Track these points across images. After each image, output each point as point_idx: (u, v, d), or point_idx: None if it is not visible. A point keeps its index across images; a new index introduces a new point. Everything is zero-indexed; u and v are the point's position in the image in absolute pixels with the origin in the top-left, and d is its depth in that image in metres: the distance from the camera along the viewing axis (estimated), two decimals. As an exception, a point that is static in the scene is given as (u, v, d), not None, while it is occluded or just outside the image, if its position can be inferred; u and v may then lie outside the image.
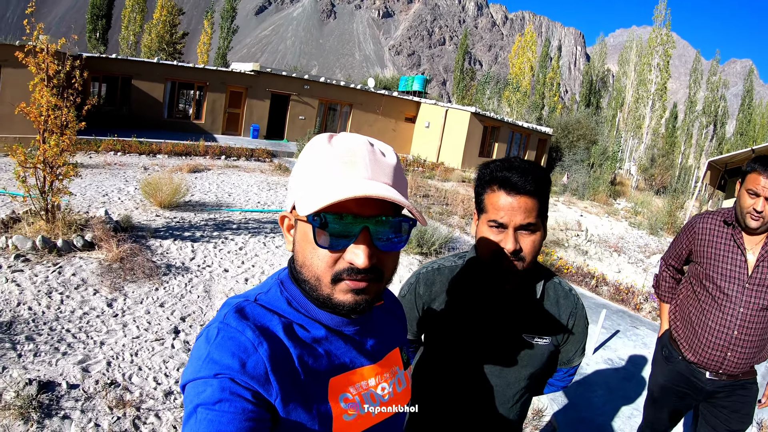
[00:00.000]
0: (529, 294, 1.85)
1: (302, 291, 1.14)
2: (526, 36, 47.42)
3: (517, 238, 1.67)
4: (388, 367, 1.29)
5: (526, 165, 1.70)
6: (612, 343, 6.89)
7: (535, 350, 1.83)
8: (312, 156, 1.10)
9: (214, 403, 0.92)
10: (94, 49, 35.99)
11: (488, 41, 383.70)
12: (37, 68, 7.61)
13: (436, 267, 2.00)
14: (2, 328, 5.16)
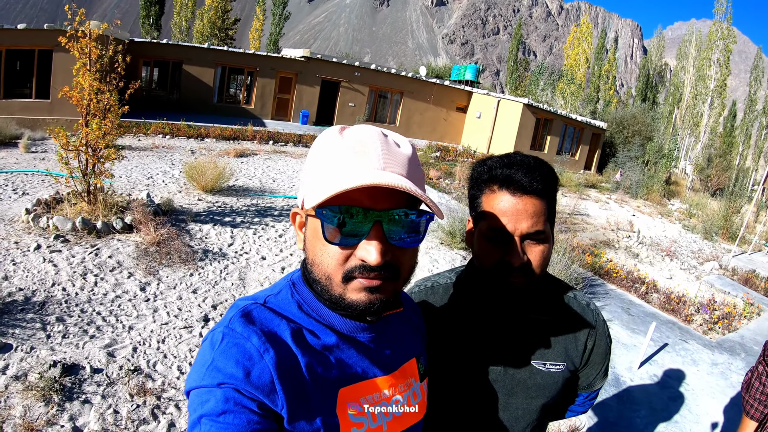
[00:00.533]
0: (538, 313, 1.57)
1: (314, 293, 1.08)
2: (581, 26, 46.35)
3: (524, 250, 1.39)
4: (403, 378, 1.21)
5: (531, 160, 1.43)
6: (659, 358, 6.45)
7: (548, 378, 1.55)
8: (322, 148, 1.04)
9: (218, 415, 0.89)
10: (148, 34, 36.51)
11: (543, 31, 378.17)
12: (80, 53, 7.65)
13: (429, 285, 1.73)
14: (35, 309, 5.21)
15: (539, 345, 1.55)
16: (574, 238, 10.66)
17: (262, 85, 26.52)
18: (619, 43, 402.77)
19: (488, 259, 1.42)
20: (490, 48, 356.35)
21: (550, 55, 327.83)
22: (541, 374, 1.54)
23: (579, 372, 1.65)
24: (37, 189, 9.94)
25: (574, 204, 15.14)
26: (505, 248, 1.38)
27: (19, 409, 3.74)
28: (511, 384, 1.54)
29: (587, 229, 13.02)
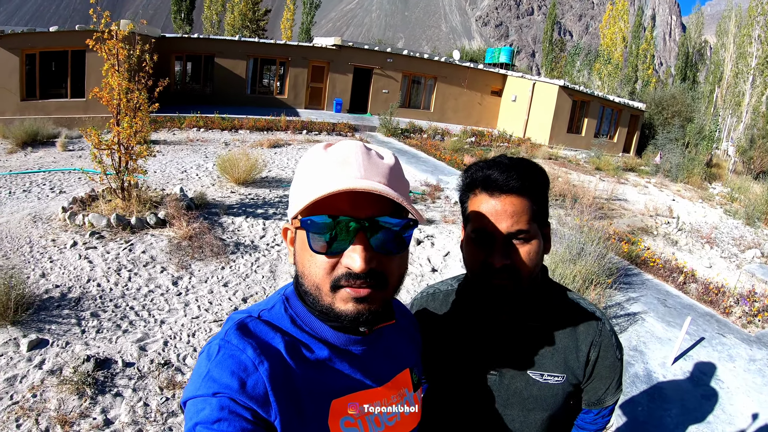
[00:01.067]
0: (535, 320, 1.52)
1: (307, 306, 1.11)
2: (617, 4, 44.94)
3: (507, 251, 1.36)
4: (396, 389, 1.22)
5: (510, 160, 1.41)
6: (695, 353, 6.11)
7: (545, 390, 1.50)
8: (308, 162, 1.07)
9: (212, 422, 0.90)
10: (180, 29, 36.91)
11: (578, 10, 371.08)
12: (107, 54, 7.82)
13: (431, 292, 1.74)
14: (70, 305, 5.36)
15: (536, 354, 1.51)
16: (610, 225, 10.44)
17: (295, 75, 26.59)
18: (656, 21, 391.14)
19: (473, 263, 1.42)
20: (524, 29, 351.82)
21: (586, 34, 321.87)
22: (537, 385, 1.49)
23: (583, 385, 1.58)
24: (74, 187, 10.19)
25: (611, 189, 14.84)
26: (488, 250, 1.37)
27: (54, 402, 3.86)
28: (506, 394, 1.51)
29: (625, 215, 12.77)
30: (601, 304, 5.73)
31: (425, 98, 29.55)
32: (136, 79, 8.22)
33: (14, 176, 11.17)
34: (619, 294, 6.87)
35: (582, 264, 6.17)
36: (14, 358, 4.37)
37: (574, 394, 1.57)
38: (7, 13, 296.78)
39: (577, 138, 27.87)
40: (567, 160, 21.33)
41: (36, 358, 4.41)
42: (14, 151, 14.43)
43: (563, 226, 7.50)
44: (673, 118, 31.48)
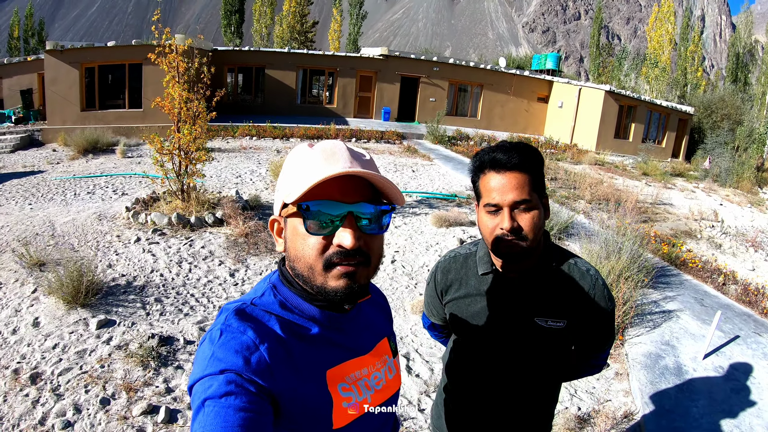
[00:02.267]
0: (540, 276, 1.80)
1: (295, 291, 1.21)
2: (663, 6, 43.44)
3: (513, 217, 1.66)
4: (378, 356, 1.36)
5: (511, 144, 1.71)
6: (727, 350, 6.00)
7: (549, 334, 1.78)
8: (295, 159, 1.20)
9: (220, 396, 0.97)
10: (230, 42, 37.86)
11: (626, 13, 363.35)
12: (168, 67, 8.38)
13: (452, 255, 2.03)
14: (136, 291, 5.86)
15: (541, 304, 1.78)
16: (651, 228, 10.43)
17: (343, 85, 27.11)
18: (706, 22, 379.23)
19: (488, 230, 1.71)
20: (572, 34, 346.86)
21: (634, 38, 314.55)
22: (544, 329, 1.77)
23: (580, 330, 1.84)
24: (135, 190, 10.88)
25: (656, 193, 14.70)
26: (499, 218, 1.67)
27: (120, 372, 4.30)
28: (517, 337, 1.80)
29: (669, 219, 12.65)
30: (633, 299, 5.81)
31: (472, 106, 29.58)
32: (195, 90, 8.77)
33: (78, 179, 12.05)
34: (656, 292, 6.91)
35: (615, 260, 6.26)
36: (84, 335, 4.86)
37: (571, 337, 1.84)
38: (62, 29, 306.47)
39: (625, 143, 27.53)
40: (613, 166, 21.14)
41: (104, 335, 4.88)
42: (76, 158, 15.48)
43: (606, 228, 7.59)
44: (723, 121, 30.53)
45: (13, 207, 9.68)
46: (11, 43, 49.79)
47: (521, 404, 1.89)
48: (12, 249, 7.03)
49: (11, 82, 24.17)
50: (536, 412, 1.94)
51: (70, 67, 19.77)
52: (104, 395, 3.98)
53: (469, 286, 1.90)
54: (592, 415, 4.23)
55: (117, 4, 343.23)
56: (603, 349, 1.96)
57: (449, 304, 1.96)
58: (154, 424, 3.70)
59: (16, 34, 49.65)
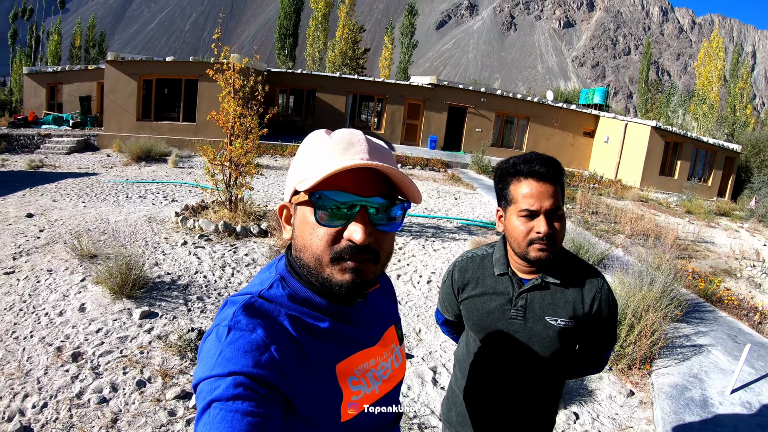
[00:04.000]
0: (553, 277, 1.94)
1: (304, 283, 1.18)
2: (711, 42, 42.45)
3: (550, 222, 1.80)
4: (386, 345, 1.34)
5: (544, 157, 1.85)
6: (757, 386, 5.82)
7: (557, 332, 1.92)
8: (312, 145, 1.16)
9: (227, 399, 0.94)
10: (283, 64, 38.80)
11: (676, 49, 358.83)
12: (225, 83, 8.80)
13: (470, 255, 2.16)
14: (180, 289, 6.14)
15: (552, 304, 1.93)
16: (689, 264, 10.35)
17: (392, 112, 27.51)
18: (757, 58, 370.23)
19: (521, 233, 1.84)
20: (621, 69, 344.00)
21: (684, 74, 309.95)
22: (553, 328, 1.91)
23: (586, 330, 1.99)
24: (185, 197, 11.35)
25: (698, 231, 14.55)
26: (534, 223, 1.81)
27: (158, 359, 4.55)
28: (529, 334, 1.93)
29: (709, 256, 12.49)
30: (661, 330, 5.80)
31: (518, 138, 29.57)
32: (249, 106, 9.14)
33: (131, 184, 12.70)
34: (688, 327, 6.85)
35: (646, 291, 6.26)
36: (126, 323, 5.16)
37: (578, 336, 1.98)
38: (121, 42, 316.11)
39: (670, 180, 27.09)
40: (657, 203, 20.91)
41: (146, 325, 5.16)
42: (129, 164, 16.26)
43: (642, 262, 7.58)
44: (770, 160, 30.00)
45: (68, 204, 10.27)
46: (72, 51, 51.75)
47: (529, 398, 2.02)
48: (64, 241, 7.51)
49: (71, 88, 25.33)
50: (542, 406, 2.07)
51: (129, 78, 20.62)
52: (141, 378, 4.22)
53: (485, 285, 2.04)
54: None
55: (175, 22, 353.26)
56: (606, 350, 2.11)
57: (465, 301, 2.09)
58: (185, 408, 3.91)
59: (77, 43, 51.59)
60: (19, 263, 6.67)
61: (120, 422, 3.65)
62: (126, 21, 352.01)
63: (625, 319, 5.63)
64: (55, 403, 3.79)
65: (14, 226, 8.38)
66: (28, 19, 57.24)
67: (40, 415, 3.65)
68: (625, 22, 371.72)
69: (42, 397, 3.86)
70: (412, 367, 4.90)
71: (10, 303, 5.47)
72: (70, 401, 3.83)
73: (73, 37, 51.70)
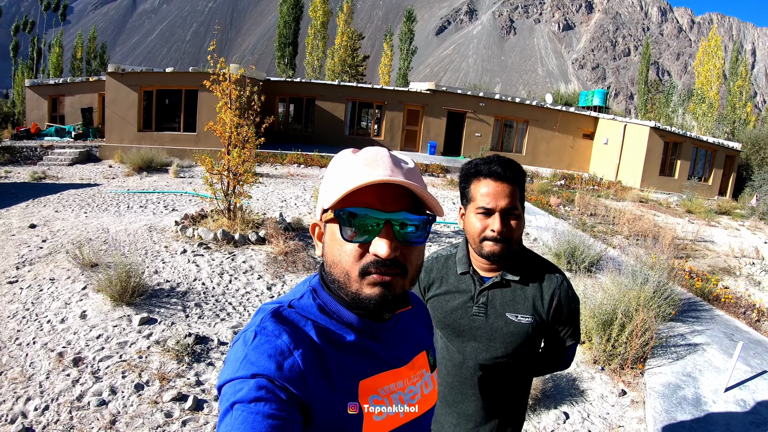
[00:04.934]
0: (513, 275, 2.04)
1: (334, 296, 1.19)
2: (710, 40, 42.63)
3: (505, 221, 1.91)
4: (415, 369, 1.33)
5: (503, 159, 1.97)
6: (753, 384, 5.80)
7: (519, 327, 2.01)
8: (339, 165, 1.19)
9: (250, 401, 0.96)
10: (283, 73, 39.00)
11: (676, 49, 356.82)
12: (221, 94, 8.98)
13: (435, 256, 2.26)
14: (179, 296, 6.32)
15: (512, 301, 2.04)
16: (686, 263, 10.39)
17: (391, 118, 27.66)
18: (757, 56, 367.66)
19: (476, 230, 1.96)
20: (622, 71, 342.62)
21: (685, 73, 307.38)
22: (513, 324, 2.01)
23: (547, 326, 2.09)
24: (185, 206, 11.53)
25: (697, 230, 14.61)
26: (490, 221, 1.93)
27: (156, 363, 4.74)
28: (491, 330, 2.04)
29: (708, 255, 12.50)
30: (653, 329, 5.81)
31: (517, 141, 29.62)
32: (245, 116, 9.35)
33: (132, 194, 12.90)
34: (684, 326, 6.84)
35: (638, 290, 6.28)
36: (126, 329, 5.36)
37: (539, 332, 2.07)
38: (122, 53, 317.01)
39: (670, 181, 27.16)
40: (657, 203, 20.93)
41: (145, 331, 5.36)
42: (130, 174, 16.51)
43: (638, 262, 7.65)
44: (770, 157, 29.88)
45: (70, 214, 10.48)
46: (74, 63, 52.09)
47: (494, 393, 2.12)
48: (66, 250, 7.68)
49: (73, 100, 25.57)
50: (508, 402, 2.17)
51: (130, 90, 20.82)
52: (139, 381, 4.41)
53: (448, 284, 2.14)
54: None
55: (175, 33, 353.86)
56: (569, 346, 2.21)
57: (431, 300, 2.18)
58: (181, 410, 4.08)
59: (79, 55, 51.95)
60: (22, 272, 6.87)
61: (118, 423, 3.82)
62: (127, 32, 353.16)
63: (616, 319, 5.67)
64: (57, 406, 3.96)
65: (17, 237, 8.57)
66: (29, 31, 57.64)
67: (42, 417, 3.82)
68: (624, 23, 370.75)
69: (44, 400, 4.03)
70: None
71: (14, 311, 5.68)
72: (71, 404, 4.00)
73: (75, 49, 52.07)
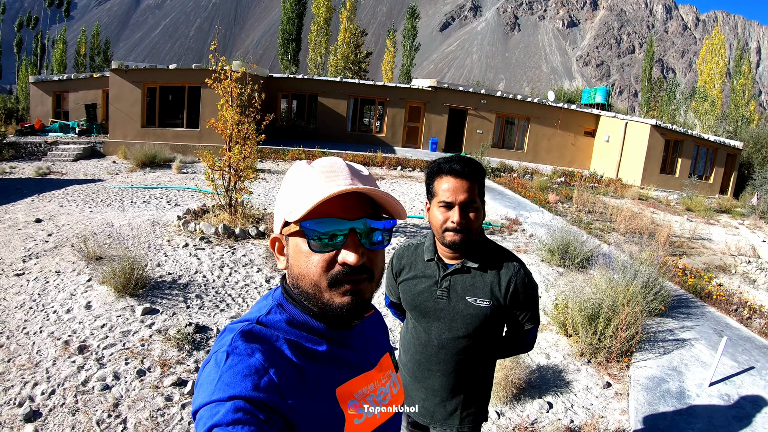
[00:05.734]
0: (472, 261, 2.25)
1: (301, 308, 1.19)
2: (713, 38, 42.54)
3: (464, 213, 2.12)
4: (383, 371, 1.37)
5: (464, 157, 2.18)
6: (738, 379, 5.82)
7: (478, 310, 2.21)
8: (296, 176, 1.19)
9: (228, 424, 0.93)
10: (287, 69, 39.09)
11: (680, 47, 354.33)
12: (222, 91, 9.19)
13: (406, 245, 2.49)
14: (180, 287, 6.55)
15: (472, 285, 2.24)
16: (680, 260, 10.49)
17: (393, 115, 27.83)
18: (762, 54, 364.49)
19: (438, 222, 2.17)
20: (626, 68, 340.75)
21: (689, 71, 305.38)
22: (472, 307, 2.22)
23: (506, 310, 2.28)
24: (187, 202, 11.76)
25: (694, 228, 14.66)
26: (450, 213, 2.13)
27: (157, 351, 4.96)
28: (453, 312, 2.24)
29: (704, 253, 12.50)
30: (638, 323, 5.87)
31: (518, 139, 29.71)
32: (246, 113, 9.57)
33: (135, 189, 13.17)
34: (673, 321, 6.87)
35: (624, 285, 6.35)
36: (129, 319, 5.59)
37: (497, 315, 2.26)
38: (126, 49, 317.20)
39: (671, 179, 27.49)
40: (657, 201, 20.89)
41: (147, 320, 5.59)
42: (134, 170, 16.82)
43: (633, 259, 7.73)
44: (772, 156, 29.63)
45: (74, 209, 10.75)
46: (78, 59, 52.25)
47: (459, 371, 2.31)
48: (71, 244, 7.94)
49: (77, 96, 25.78)
50: (472, 379, 2.36)
51: (133, 86, 21.06)
52: (141, 367, 4.63)
53: (416, 270, 2.36)
54: (583, 428, 4.43)
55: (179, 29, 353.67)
56: (529, 330, 2.39)
57: (402, 284, 2.40)
58: (181, 394, 4.29)
59: (82, 51, 52.15)
60: (28, 265, 7.10)
61: (121, 406, 4.03)
62: (130, 28, 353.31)
63: (602, 313, 5.75)
64: (62, 390, 4.18)
65: (23, 231, 8.81)
66: (33, 27, 57.93)
67: (48, 401, 4.04)
68: (628, 20, 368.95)
69: (50, 385, 4.25)
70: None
71: (21, 302, 5.90)
72: (76, 388, 4.22)
73: (78, 45, 52.24)
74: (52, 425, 3.77)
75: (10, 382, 4.27)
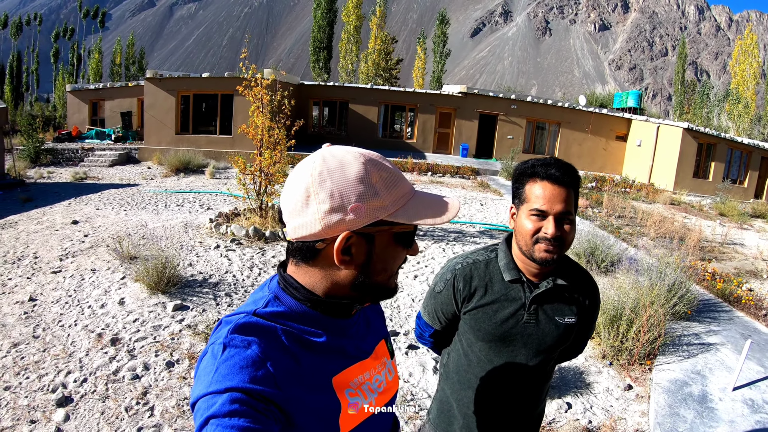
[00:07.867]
0: (562, 279, 2.00)
1: (298, 299, 1.18)
2: (746, 38, 41.60)
3: (559, 225, 1.84)
4: (379, 359, 1.36)
5: (561, 162, 1.90)
6: (764, 384, 5.63)
7: (566, 330, 2.01)
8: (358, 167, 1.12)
9: (224, 415, 0.93)
10: (318, 77, 39.55)
11: (714, 48, 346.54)
12: (253, 98, 9.43)
13: (471, 261, 2.10)
14: (210, 286, 6.74)
15: (561, 304, 2.02)
16: (709, 264, 10.33)
17: (423, 121, 27.93)
18: None
19: (528, 233, 1.88)
20: (659, 71, 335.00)
21: (724, 73, 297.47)
22: (562, 327, 2.01)
23: (582, 323, 2.12)
24: (219, 205, 12.06)
25: (726, 233, 14.42)
26: (544, 224, 1.86)
27: (186, 344, 5.15)
28: (541, 335, 2.00)
29: (735, 258, 12.32)
30: (661, 326, 5.81)
31: (549, 144, 29.53)
32: (277, 120, 9.77)
33: (169, 194, 13.55)
34: (700, 325, 6.69)
35: (647, 288, 6.27)
36: (161, 315, 5.79)
37: (578, 330, 2.12)
38: (160, 58, 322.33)
39: (704, 183, 26.74)
40: (689, 206, 20.56)
41: (178, 316, 5.78)
42: (168, 175, 17.24)
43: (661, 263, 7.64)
44: (807, 158, 28.92)
45: (110, 212, 11.07)
46: (113, 69, 53.44)
47: (534, 391, 2.11)
48: (107, 244, 8.21)
49: (113, 104, 26.38)
50: (542, 395, 2.17)
51: (168, 94, 21.51)
52: (170, 359, 4.80)
53: (495, 292, 2.02)
54: (601, 428, 4.39)
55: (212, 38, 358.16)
56: (588, 337, 2.28)
57: (474, 311, 2.04)
58: (207, 383, 4.47)
59: (118, 60, 53.33)
60: (65, 264, 7.36)
61: (149, 395, 4.20)
62: (164, 38, 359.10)
63: (624, 315, 5.73)
64: (94, 379, 4.37)
65: (61, 232, 9.11)
66: (69, 38, 59.30)
67: (80, 388, 4.23)
68: (660, 22, 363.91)
69: (83, 373, 4.44)
70: (416, 357, 5.29)
71: (57, 297, 6.15)
72: (107, 377, 4.40)
73: (114, 55, 53.39)
74: (82, 410, 3.95)
75: (44, 370, 4.47)
